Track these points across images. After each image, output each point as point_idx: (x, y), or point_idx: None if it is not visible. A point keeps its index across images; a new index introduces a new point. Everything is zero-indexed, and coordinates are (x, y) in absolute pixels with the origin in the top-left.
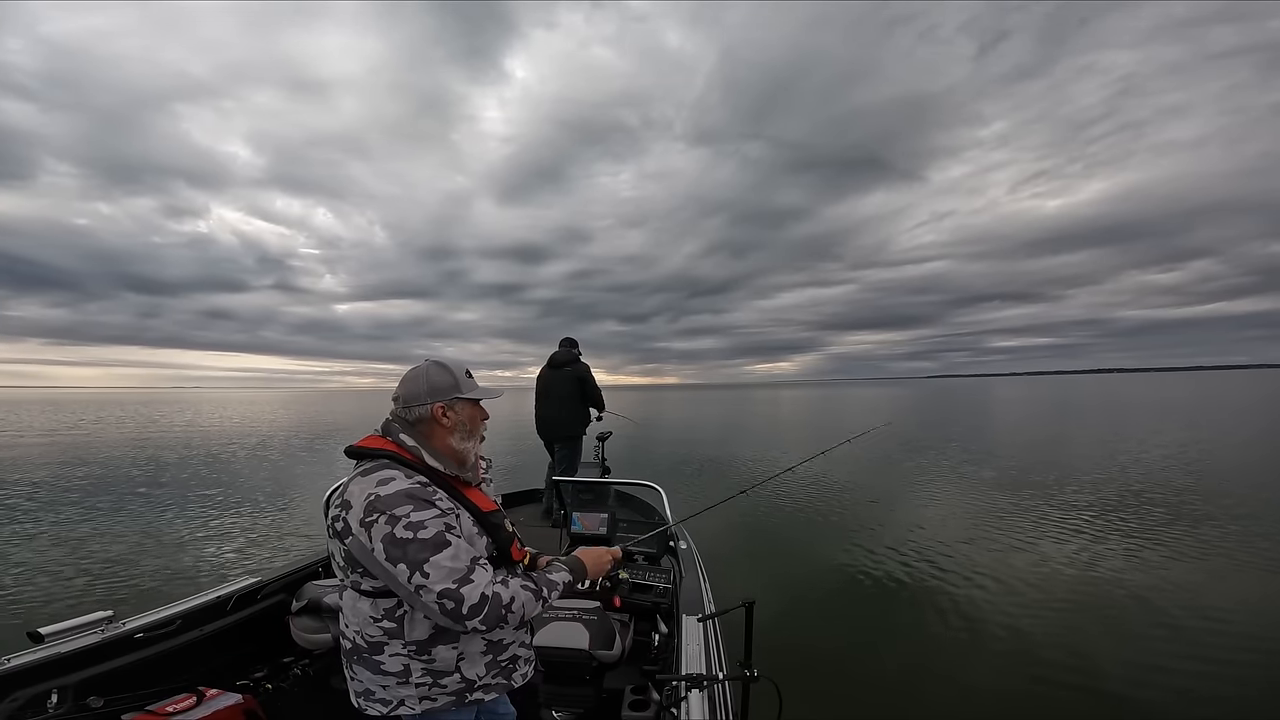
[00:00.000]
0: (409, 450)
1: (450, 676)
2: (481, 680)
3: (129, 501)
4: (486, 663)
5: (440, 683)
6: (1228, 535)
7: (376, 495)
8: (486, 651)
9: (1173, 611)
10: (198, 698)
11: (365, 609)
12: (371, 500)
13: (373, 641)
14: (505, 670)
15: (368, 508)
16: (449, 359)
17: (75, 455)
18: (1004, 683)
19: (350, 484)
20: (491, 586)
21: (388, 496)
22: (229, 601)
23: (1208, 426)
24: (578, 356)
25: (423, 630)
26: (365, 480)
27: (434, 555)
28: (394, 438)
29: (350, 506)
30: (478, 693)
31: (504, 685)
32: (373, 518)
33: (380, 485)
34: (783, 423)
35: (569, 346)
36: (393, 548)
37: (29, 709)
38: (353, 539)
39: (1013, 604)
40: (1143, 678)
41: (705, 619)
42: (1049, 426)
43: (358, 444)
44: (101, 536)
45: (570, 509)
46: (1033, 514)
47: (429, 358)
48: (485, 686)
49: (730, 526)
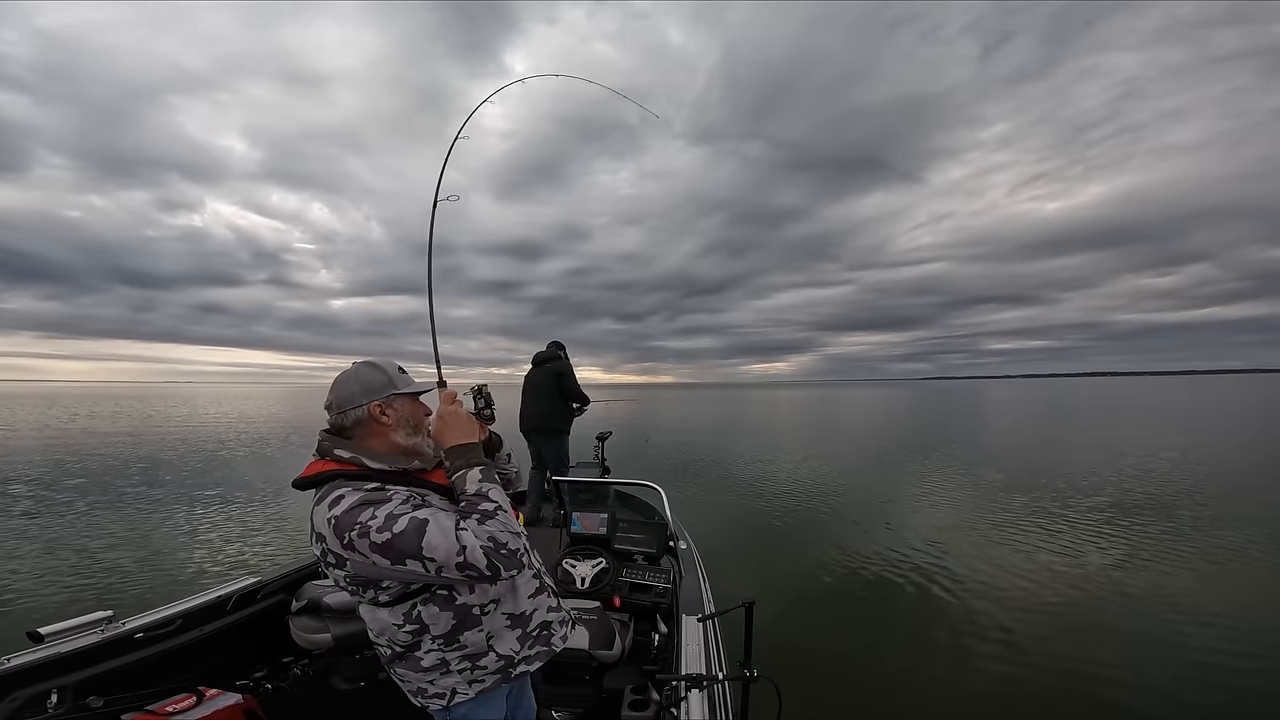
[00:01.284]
0: (348, 462)
1: (487, 657)
2: (521, 654)
3: (128, 499)
4: (518, 636)
5: (480, 664)
6: (1228, 538)
7: (335, 517)
8: (512, 626)
9: (1172, 614)
10: (197, 697)
11: (387, 618)
12: (334, 523)
13: (406, 645)
14: (540, 638)
15: (335, 531)
16: (379, 358)
17: (72, 451)
18: (1003, 684)
19: (312, 516)
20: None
21: (345, 514)
22: (229, 601)
23: (1204, 431)
24: (558, 354)
25: (444, 623)
26: (320, 507)
27: (423, 540)
28: (329, 456)
29: (324, 538)
30: (521, 665)
31: (546, 652)
32: (347, 538)
33: (333, 506)
34: (781, 423)
35: (555, 349)
36: (386, 552)
37: (29, 709)
38: (350, 564)
39: (1012, 605)
40: (1142, 680)
41: (705, 619)
42: (1045, 430)
43: (302, 474)
44: (101, 535)
45: (570, 509)
46: (1031, 517)
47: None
48: (527, 658)
49: (730, 526)
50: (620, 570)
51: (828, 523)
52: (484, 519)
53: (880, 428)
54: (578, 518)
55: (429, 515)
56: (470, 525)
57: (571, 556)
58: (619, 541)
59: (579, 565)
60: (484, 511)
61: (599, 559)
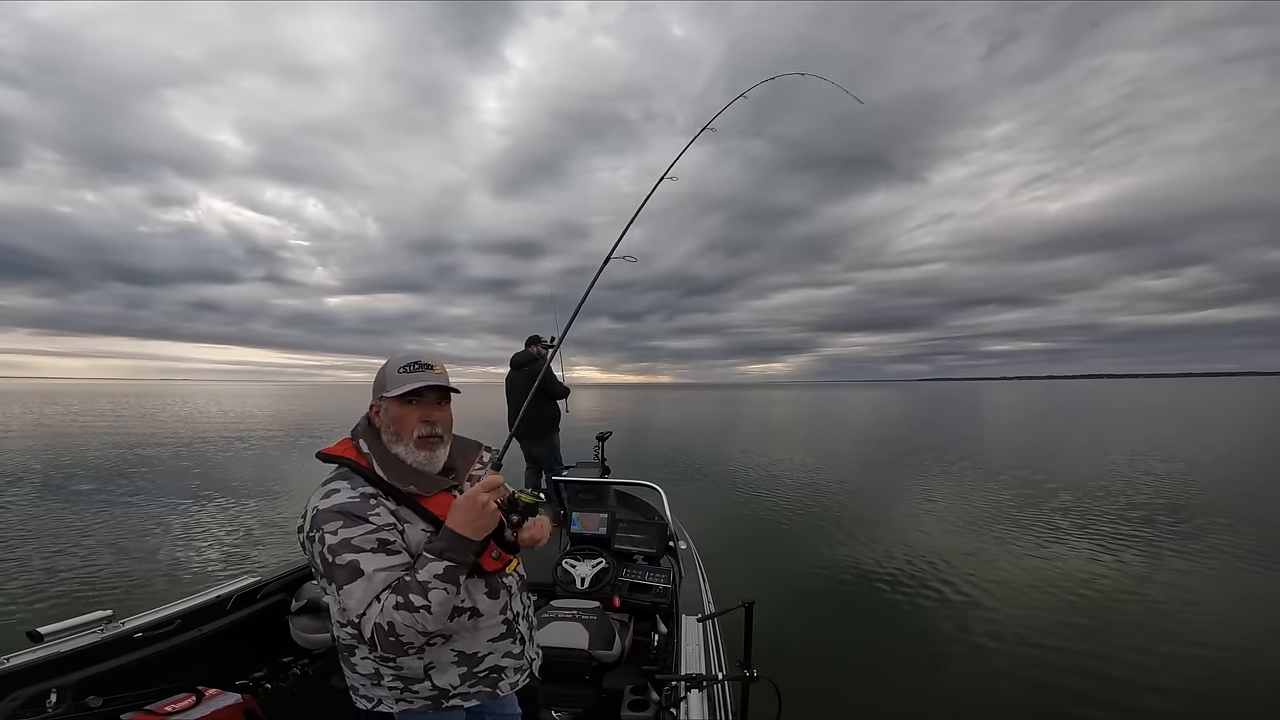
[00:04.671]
0: (364, 457)
1: (421, 684)
2: (457, 689)
3: (127, 498)
4: (461, 674)
5: (412, 688)
6: (1228, 540)
7: (317, 510)
8: (459, 664)
9: (1170, 615)
10: (197, 697)
11: (336, 612)
12: (314, 515)
13: (345, 644)
14: (486, 680)
15: (311, 521)
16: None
17: (71, 450)
18: (1002, 684)
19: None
20: (382, 616)
21: (323, 512)
22: (228, 601)
23: (1204, 433)
24: (534, 355)
25: None
26: (317, 492)
27: (348, 583)
28: (355, 441)
29: (306, 516)
30: (455, 699)
31: (488, 694)
32: (314, 533)
33: (323, 499)
34: (779, 424)
35: (531, 344)
36: (325, 567)
37: (28, 708)
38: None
39: (1011, 605)
40: (1141, 680)
41: (705, 619)
42: (1041, 432)
43: (326, 450)
44: (101, 535)
45: (570, 509)
46: (1031, 517)
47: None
48: (464, 694)
49: (730, 526)
50: (620, 570)
51: (827, 523)
52: (403, 606)
53: (878, 428)
54: (578, 518)
55: (372, 567)
56: (388, 600)
57: (571, 556)
58: (619, 541)
59: (579, 565)
60: (410, 602)
61: (599, 559)
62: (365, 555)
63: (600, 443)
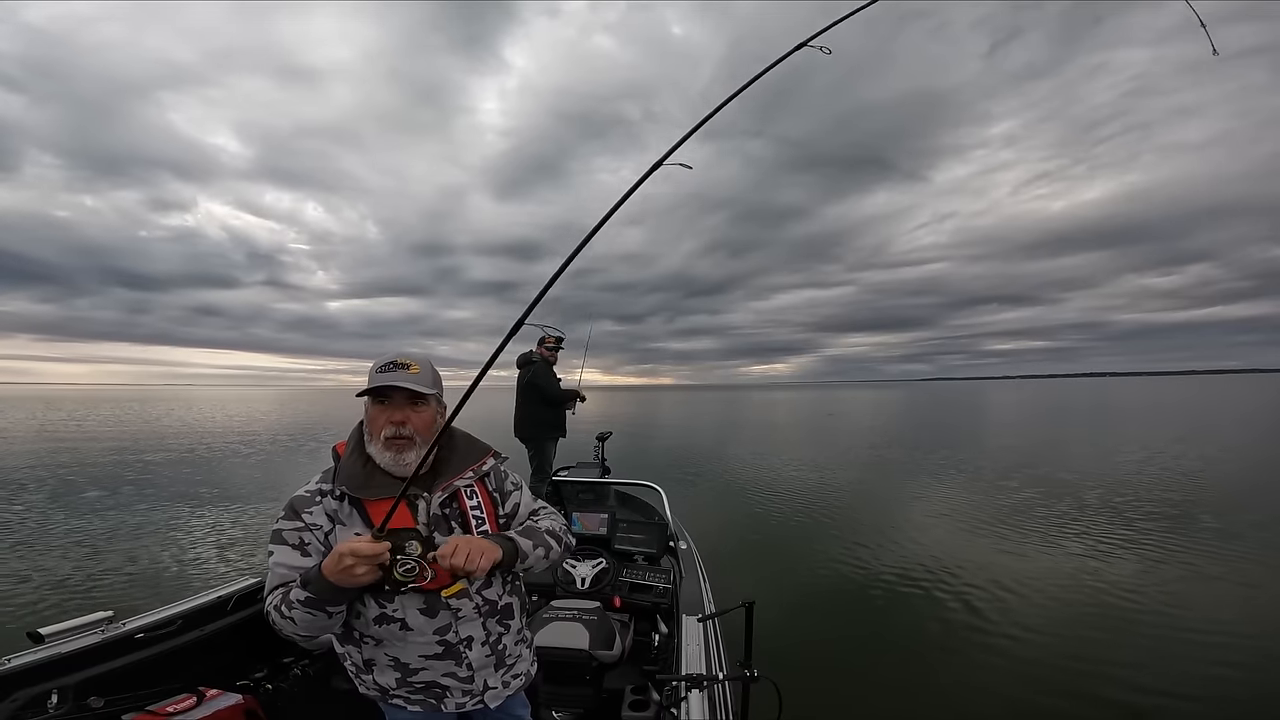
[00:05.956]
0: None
1: (365, 676)
2: (395, 691)
3: (128, 501)
4: (396, 679)
5: (360, 677)
6: (1228, 541)
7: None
8: (394, 668)
9: (1171, 616)
10: (198, 698)
11: None
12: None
13: None
14: (428, 692)
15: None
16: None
17: (73, 453)
18: (1002, 684)
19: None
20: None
21: (290, 500)
22: (229, 602)
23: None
24: (530, 359)
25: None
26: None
27: (269, 575)
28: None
29: None
30: (397, 700)
31: (432, 705)
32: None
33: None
34: (780, 424)
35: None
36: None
37: (29, 709)
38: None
39: (1012, 606)
40: (1140, 681)
41: (705, 619)
42: (1041, 431)
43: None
44: (101, 535)
45: (570, 509)
46: (1031, 518)
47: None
48: (403, 698)
49: (730, 526)
50: (620, 570)
51: (827, 523)
52: (279, 608)
53: (879, 428)
54: (578, 518)
55: (280, 560)
56: (274, 597)
57: (572, 556)
58: (619, 542)
59: (579, 565)
60: (283, 610)
61: (599, 559)
62: (282, 549)
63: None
